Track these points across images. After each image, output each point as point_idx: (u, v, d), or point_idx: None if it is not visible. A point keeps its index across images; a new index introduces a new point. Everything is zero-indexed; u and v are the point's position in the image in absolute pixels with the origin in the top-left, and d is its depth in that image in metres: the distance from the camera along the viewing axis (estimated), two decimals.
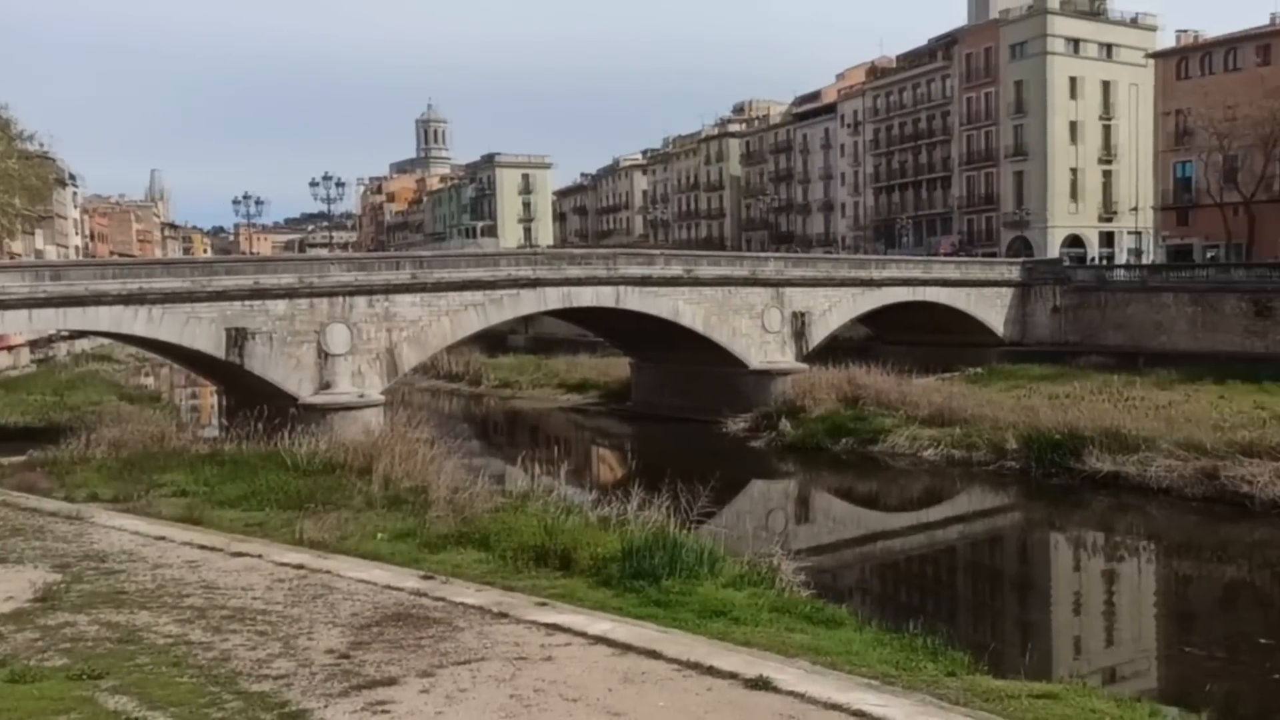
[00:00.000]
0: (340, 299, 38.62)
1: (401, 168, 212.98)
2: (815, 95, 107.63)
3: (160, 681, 10.47)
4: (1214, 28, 68.78)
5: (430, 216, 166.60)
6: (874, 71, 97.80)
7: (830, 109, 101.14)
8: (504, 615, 12.97)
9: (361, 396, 37.49)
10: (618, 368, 59.11)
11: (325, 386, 37.70)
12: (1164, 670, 19.50)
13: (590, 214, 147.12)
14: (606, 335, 59.47)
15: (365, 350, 38.93)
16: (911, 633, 13.90)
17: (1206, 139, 60.68)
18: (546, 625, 12.48)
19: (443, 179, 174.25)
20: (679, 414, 48.56)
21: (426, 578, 15.00)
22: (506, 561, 16.17)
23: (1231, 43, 65.00)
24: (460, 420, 57.26)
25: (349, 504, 20.80)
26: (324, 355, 37.93)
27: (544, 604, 13.58)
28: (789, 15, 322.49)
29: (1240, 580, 25.74)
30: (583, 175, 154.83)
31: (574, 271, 45.07)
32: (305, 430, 28.77)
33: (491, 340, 70.41)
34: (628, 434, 50.48)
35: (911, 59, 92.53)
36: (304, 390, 37.35)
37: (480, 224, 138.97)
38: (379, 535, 18.28)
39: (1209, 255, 63.16)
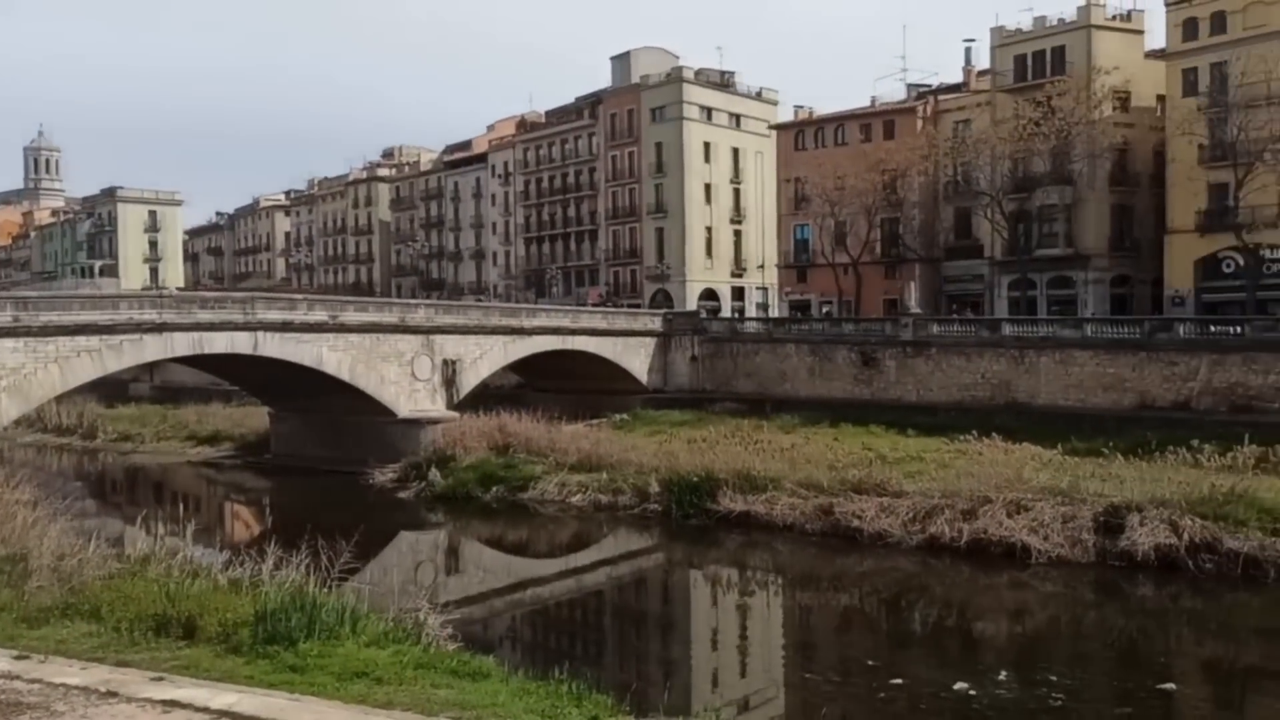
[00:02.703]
0: None
1: (5, 199, 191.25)
2: (466, 145, 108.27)
3: None
4: (826, 105, 76.21)
5: (39, 253, 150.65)
6: (523, 125, 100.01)
7: (481, 159, 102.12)
8: (113, 694, 11.60)
9: None
10: (255, 418, 55.92)
11: None
12: (789, 696, 20.91)
13: (227, 255, 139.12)
14: (243, 383, 56.08)
15: None
16: (557, 679, 13.86)
17: (820, 205, 67.17)
18: (163, 702, 11.29)
19: (54, 213, 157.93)
20: (323, 466, 46.65)
21: (21, 657, 13.18)
22: (121, 633, 14.58)
23: (839, 120, 72.53)
24: (71, 478, 51.64)
25: None
26: None
27: (161, 679, 12.31)
28: (439, 65, 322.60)
29: (852, 608, 28.20)
30: (218, 214, 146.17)
31: (206, 316, 42.16)
32: None
33: (111, 389, 64.43)
34: (265, 488, 47.77)
35: (559, 115, 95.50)
36: None
37: (99, 263, 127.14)
38: None
39: (824, 310, 69.47)
